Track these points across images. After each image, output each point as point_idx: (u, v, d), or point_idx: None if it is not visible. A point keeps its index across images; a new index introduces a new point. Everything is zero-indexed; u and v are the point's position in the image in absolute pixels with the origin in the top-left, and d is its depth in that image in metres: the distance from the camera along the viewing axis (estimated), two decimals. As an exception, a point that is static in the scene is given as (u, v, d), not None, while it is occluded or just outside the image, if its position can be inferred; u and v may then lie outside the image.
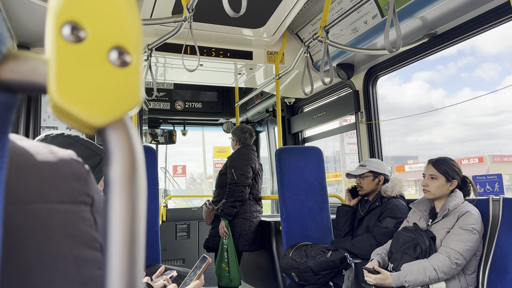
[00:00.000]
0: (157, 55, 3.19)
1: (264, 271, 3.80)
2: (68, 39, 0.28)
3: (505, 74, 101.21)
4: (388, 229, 2.64)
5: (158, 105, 5.24)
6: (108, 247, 0.29)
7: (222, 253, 3.64)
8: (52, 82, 0.28)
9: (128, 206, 0.29)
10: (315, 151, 3.46)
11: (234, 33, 3.28)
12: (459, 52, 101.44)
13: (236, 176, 3.60)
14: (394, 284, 2.22)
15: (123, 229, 0.29)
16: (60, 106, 0.28)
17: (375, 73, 3.42)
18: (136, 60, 0.30)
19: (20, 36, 3.08)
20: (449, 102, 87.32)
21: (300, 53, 3.04)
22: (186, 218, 4.82)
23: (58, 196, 0.43)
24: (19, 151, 0.44)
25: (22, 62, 0.29)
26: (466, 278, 2.24)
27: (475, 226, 2.19)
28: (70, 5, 0.28)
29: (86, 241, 0.44)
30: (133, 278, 0.29)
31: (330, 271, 2.71)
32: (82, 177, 0.47)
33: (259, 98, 5.02)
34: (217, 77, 4.04)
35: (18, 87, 0.30)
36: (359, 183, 2.95)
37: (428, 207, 2.47)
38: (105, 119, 0.29)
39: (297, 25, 3.59)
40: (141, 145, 0.31)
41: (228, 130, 5.73)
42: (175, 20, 2.51)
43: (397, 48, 2.05)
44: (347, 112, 3.75)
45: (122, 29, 0.29)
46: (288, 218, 3.21)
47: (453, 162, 2.41)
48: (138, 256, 0.29)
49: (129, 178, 0.29)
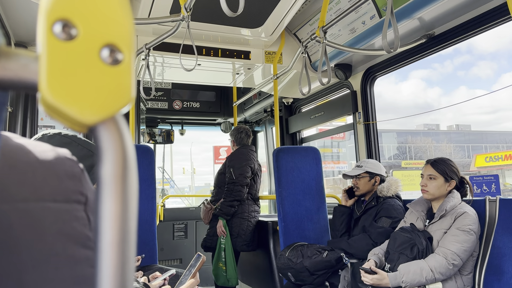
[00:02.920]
0: (155, 54, 3.19)
1: (261, 271, 3.80)
2: (60, 36, 0.28)
3: (501, 72, 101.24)
4: (384, 229, 2.64)
5: (156, 105, 5.24)
6: (99, 245, 0.29)
7: (220, 253, 3.64)
8: (43, 79, 0.28)
9: (119, 204, 0.29)
10: (313, 151, 3.46)
11: (232, 33, 3.28)
12: (456, 51, 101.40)
13: (235, 175, 3.61)
14: (391, 284, 2.22)
15: (114, 227, 0.29)
16: (51, 103, 0.28)
17: (373, 73, 3.43)
18: (128, 58, 0.30)
19: (17, 35, 3.07)
20: (445, 100, 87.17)
21: (298, 53, 3.04)
22: (184, 218, 4.81)
23: (51, 194, 0.43)
24: (13, 149, 0.44)
25: (13, 60, 0.29)
26: (463, 279, 2.24)
27: (472, 227, 2.20)
28: (62, 3, 0.28)
29: (79, 239, 0.44)
30: (124, 276, 0.29)
31: (326, 271, 2.71)
32: (76, 175, 0.47)
33: (257, 98, 5.02)
34: (215, 77, 4.04)
35: (8, 85, 0.30)
36: (355, 184, 2.95)
37: (425, 208, 2.48)
38: (97, 117, 0.29)
39: (295, 25, 3.60)
40: (133, 144, 0.31)
41: (226, 130, 5.74)
42: (173, 19, 2.51)
43: (395, 48, 2.06)
44: (345, 112, 3.75)
45: (114, 27, 0.29)
46: (285, 218, 3.21)
47: (452, 163, 2.41)
48: (129, 254, 0.29)
49: (120, 176, 0.29)
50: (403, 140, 35.37)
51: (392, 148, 34.23)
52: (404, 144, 35.26)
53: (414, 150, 35.62)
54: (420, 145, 36.18)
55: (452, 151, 35.55)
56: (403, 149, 35.26)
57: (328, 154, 28.01)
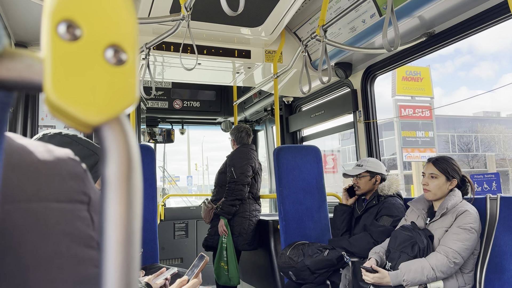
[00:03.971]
0: (155, 53, 3.19)
1: (262, 270, 3.81)
2: (64, 37, 0.28)
3: (502, 73, 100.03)
4: (385, 228, 2.64)
5: (156, 104, 5.24)
6: (104, 246, 0.29)
7: (221, 252, 3.64)
8: (48, 80, 0.28)
9: (124, 204, 0.29)
10: (313, 150, 3.46)
11: (232, 32, 3.28)
12: (457, 51, 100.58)
13: (236, 174, 3.61)
14: (392, 283, 2.22)
15: (119, 227, 0.29)
16: (55, 104, 0.28)
17: (373, 72, 3.43)
18: (132, 59, 0.30)
19: (17, 34, 3.07)
20: (446, 101, 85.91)
21: (298, 52, 3.04)
22: (184, 217, 4.82)
23: (54, 194, 0.43)
24: (16, 149, 0.44)
25: (18, 60, 0.29)
26: (464, 277, 2.24)
27: (473, 226, 2.20)
28: (66, 3, 0.28)
29: (83, 239, 0.44)
30: (129, 277, 0.29)
31: (327, 269, 2.71)
32: (79, 176, 0.47)
33: (257, 97, 5.02)
34: (215, 76, 4.04)
35: (13, 85, 0.30)
36: (356, 183, 2.95)
37: (426, 206, 2.48)
38: (101, 118, 0.29)
39: (295, 24, 3.60)
40: (137, 144, 0.31)
41: (226, 129, 5.74)
42: (173, 18, 2.51)
43: (395, 47, 2.05)
44: (345, 111, 3.75)
45: (118, 27, 0.29)
46: (286, 217, 3.21)
47: (453, 161, 2.41)
48: (134, 254, 0.29)
49: (125, 177, 0.29)
50: (467, 129, 29.95)
51: (451, 139, 29.10)
52: (466, 133, 29.50)
53: (482, 141, 29.74)
54: (488, 134, 30.02)
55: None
56: (465, 140, 29.57)
57: (411, 139, 25.04)
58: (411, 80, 24.58)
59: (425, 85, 24.99)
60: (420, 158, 24.35)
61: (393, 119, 25.16)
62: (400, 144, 25.07)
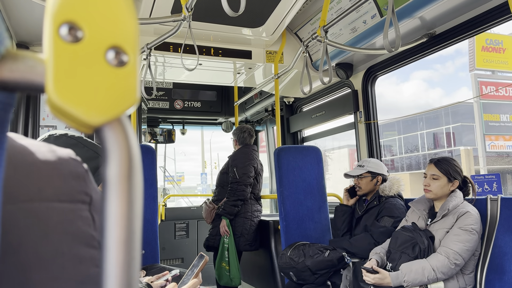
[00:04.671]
0: (156, 54, 3.19)
1: (263, 270, 3.81)
2: (66, 39, 0.28)
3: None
4: (386, 228, 2.64)
5: (157, 104, 5.25)
6: (105, 245, 0.29)
7: (223, 252, 3.64)
8: (50, 81, 0.28)
9: (125, 204, 0.29)
10: (314, 151, 3.46)
11: (233, 33, 3.28)
12: (457, 51, 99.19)
13: (238, 175, 3.61)
14: (393, 283, 2.22)
15: (119, 227, 0.29)
16: (57, 105, 0.28)
17: (374, 72, 3.43)
18: (133, 60, 0.30)
19: (19, 35, 3.08)
20: (447, 101, 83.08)
21: (299, 53, 3.04)
22: (185, 217, 4.82)
23: (56, 194, 0.44)
24: (18, 149, 0.44)
25: (20, 61, 0.30)
26: (465, 278, 2.24)
27: (474, 227, 2.19)
28: (68, 5, 0.28)
29: (84, 239, 0.44)
30: (130, 276, 0.29)
31: (328, 270, 2.71)
32: (81, 176, 0.47)
33: (258, 97, 5.02)
34: (216, 76, 4.04)
35: (16, 86, 0.30)
36: (357, 184, 2.95)
37: (427, 207, 2.47)
38: (102, 118, 0.29)
39: (296, 25, 3.60)
40: (138, 144, 0.31)
41: (227, 130, 5.75)
42: (174, 19, 2.51)
43: (396, 47, 2.06)
44: (346, 111, 3.75)
45: (119, 29, 0.30)
46: (286, 218, 3.21)
47: (455, 162, 2.40)
48: (134, 254, 0.30)
49: (126, 177, 0.30)
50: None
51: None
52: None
53: None
54: None
55: None
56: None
57: (494, 125, 19.28)
58: (492, 51, 18.84)
59: (508, 58, 19.13)
60: (505, 147, 19.20)
61: (472, 99, 19.37)
62: (482, 131, 19.52)
